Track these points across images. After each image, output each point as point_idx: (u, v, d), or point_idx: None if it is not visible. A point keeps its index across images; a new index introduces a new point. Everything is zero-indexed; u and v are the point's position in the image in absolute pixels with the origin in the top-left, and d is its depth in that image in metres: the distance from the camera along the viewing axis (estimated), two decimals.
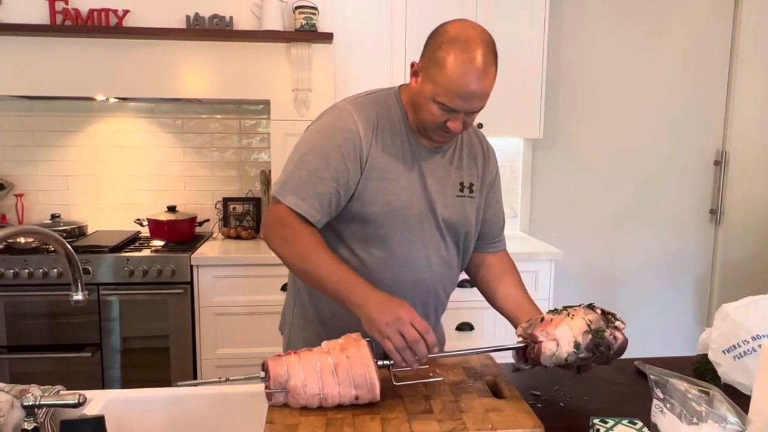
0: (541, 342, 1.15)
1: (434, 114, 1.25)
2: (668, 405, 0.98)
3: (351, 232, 1.34)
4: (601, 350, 1.16)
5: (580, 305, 1.23)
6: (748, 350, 1.23)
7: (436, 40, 1.24)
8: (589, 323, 1.16)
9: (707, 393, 0.96)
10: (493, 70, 1.23)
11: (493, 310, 1.48)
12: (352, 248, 1.35)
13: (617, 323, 1.19)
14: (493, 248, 1.52)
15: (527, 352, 1.18)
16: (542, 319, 1.20)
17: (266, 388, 1.05)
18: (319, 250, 1.25)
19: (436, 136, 1.32)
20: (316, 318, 1.45)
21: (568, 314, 1.19)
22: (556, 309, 1.23)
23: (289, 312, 1.52)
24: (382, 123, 1.33)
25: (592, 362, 1.19)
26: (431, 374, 1.17)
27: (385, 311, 1.12)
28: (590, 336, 1.15)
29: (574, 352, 1.15)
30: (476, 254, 1.52)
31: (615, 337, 1.17)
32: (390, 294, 1.18)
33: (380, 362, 1.09)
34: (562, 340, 1.15)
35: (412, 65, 1.31)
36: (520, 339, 1.22)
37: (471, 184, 1.43)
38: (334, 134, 1.31)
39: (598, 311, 1.21)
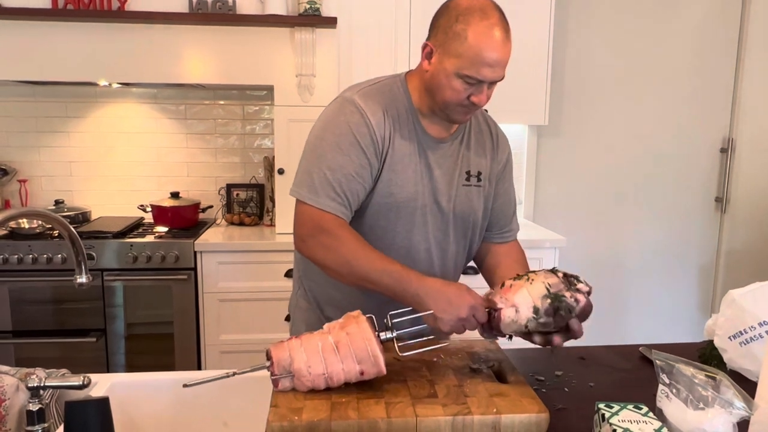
0: (500, 309, 1.12)
1: (457, 90, 1.23)
2: (674, 390, 0.97)
3: (352, 223, 1.31)
4: (561, 314, 1.11)
5: (542, 270, 1.19)
6: (754, 336, 1.23)
7: (450, 14, 1.22)
8: (549, 287, 1.12)
9: (714, 378, 0.96)
10: (511, 34, 1.22)
11: None
12: None
13: (579, 285, 1.13)
14: (500, 238, 1.49)
15: (490, 321, 1.15)
16: (502, 285, 1.17)
17: (271, 374, 1.05)
18: (364, 251, 1.21)
19: (458, 114, 1.29)
20: (315, 302, 1.45)
21: (528, 279, 1.15)
22: (518, 275, 1.19)
23: (294, 295, 1.53)
24: (391, 113, 1.30)
25: (553, 328, 1.14)
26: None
27: (446, 311, 1.12)
28: (549, 300, 1.11)
29: (533, 317, 1.11)
30: (484, 243, 1.49)
31: (576, 300, 1.11)
32: None
33: (383, 335, 1.09)
34: (521, 306, 1.11)
35: (425, 46, 1.27)
36: None
37: (479, 173, 1.40)
38: (348, 129, 1.26)
39: (560, 275, 1.15)
